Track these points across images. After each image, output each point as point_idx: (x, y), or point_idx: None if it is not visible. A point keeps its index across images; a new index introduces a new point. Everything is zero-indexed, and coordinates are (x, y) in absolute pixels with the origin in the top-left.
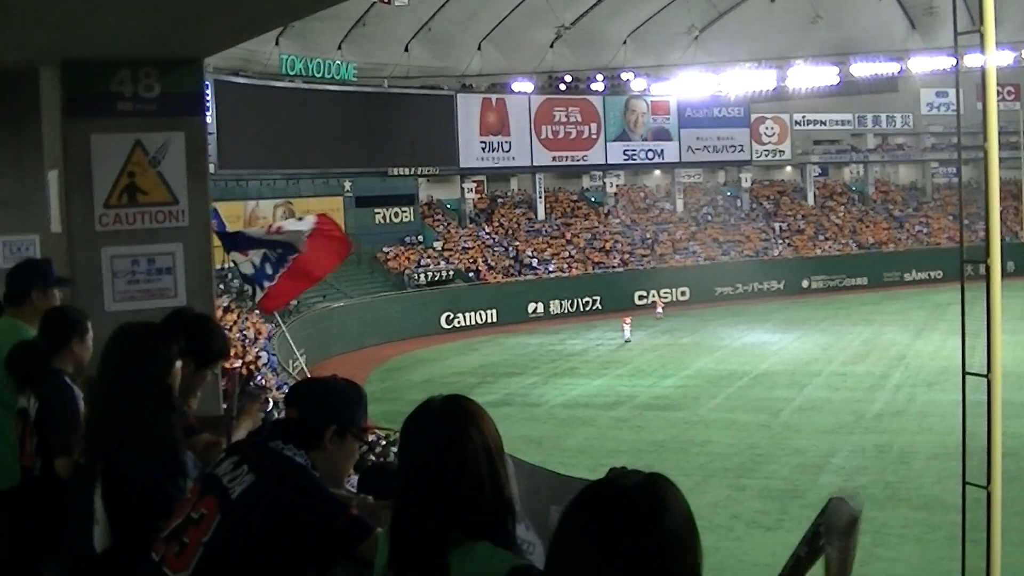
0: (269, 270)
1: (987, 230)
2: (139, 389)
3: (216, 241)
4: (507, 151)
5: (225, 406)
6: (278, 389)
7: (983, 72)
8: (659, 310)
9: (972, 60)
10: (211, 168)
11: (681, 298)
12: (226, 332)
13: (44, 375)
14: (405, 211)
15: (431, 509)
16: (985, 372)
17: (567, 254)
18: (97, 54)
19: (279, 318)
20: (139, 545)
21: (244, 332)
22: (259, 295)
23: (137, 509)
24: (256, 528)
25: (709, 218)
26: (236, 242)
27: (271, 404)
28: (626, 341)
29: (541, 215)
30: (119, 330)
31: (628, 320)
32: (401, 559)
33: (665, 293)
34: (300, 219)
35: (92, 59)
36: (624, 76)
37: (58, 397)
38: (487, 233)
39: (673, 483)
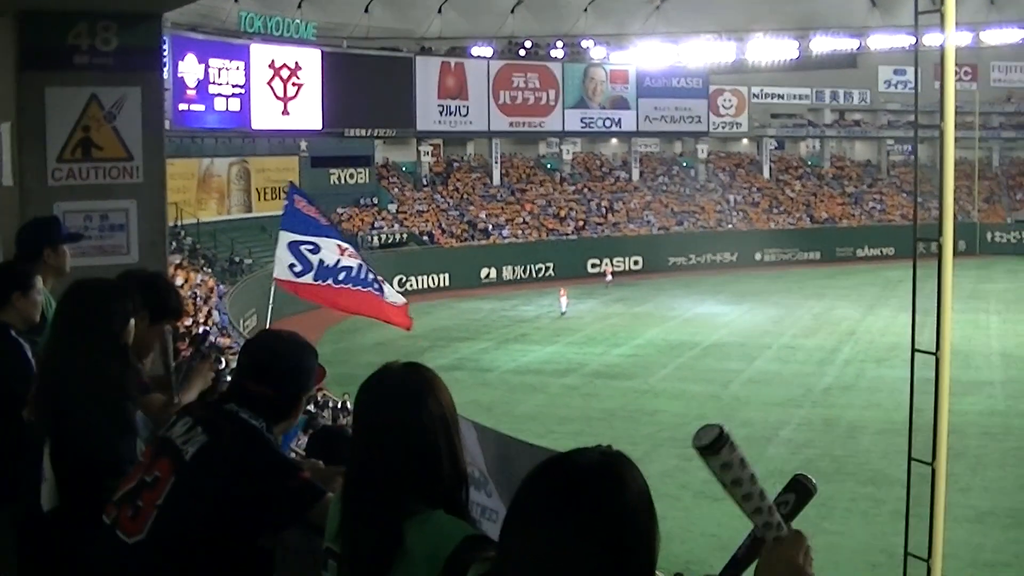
0: (300, 267)
1: (940, 209)
2: (94, 346)
3: (170, 198)
4: (464, 115)
5: (170, 366)
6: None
7: (942, 51)
8: (608, 277)
9: (931, 39)
10: (166, 125)
11: (634, 267)
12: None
13: None
14: (360, 172)
15: (386, 475)
16: (934, 350)
17: (521, 220)
18: (54, 6)
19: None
20: (87, 504)
21: (196, 291)
22: (284, 276)
23: (86, 468)
24: (210, 490)
25: (664, 188)
26: (301, 224)
27: (223, 364)
28: (562, 314)
29: (497, 180)
30: (74, 285)
31: (564, 292)
32: (354, 525)
33: (618, 262)
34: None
35: (49, 11)
36: (584, 44)
37: (3, 351)
38: (442, 197)
39: (631, 460)
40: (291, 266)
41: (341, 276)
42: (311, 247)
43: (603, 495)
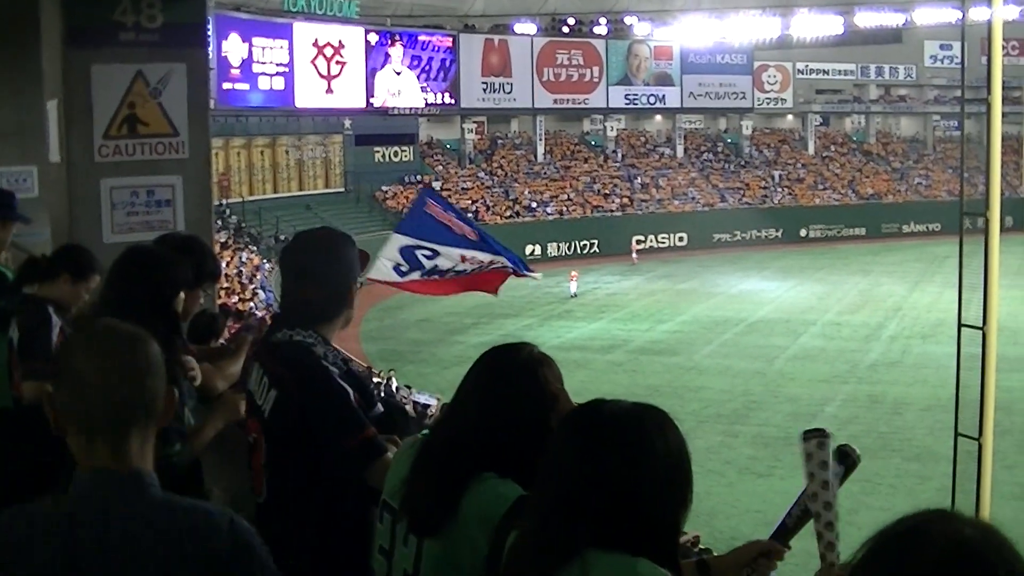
0: (408, 267)
1: (987, 184)
2: (141, 311)
3: (215, 176)
4: (508, 92)
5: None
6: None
7: (989, 25)
8: (633, 256)
9: (978, 13)
10: (211, 104)
11: (679, 244)
12: (218, 257)
13: (26, 302)
14: (405, 150)
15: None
16: (981, 325)
17: (566, 197)
18: None
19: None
20: None
21: (241, 269)
22: (383, 276)
23: None
24: (291, 446)
25: (709, 164)
26: (427, 230)
27: None
28: (572, 296)
29: (541, 157)
30: (126, 252)
31: (575, 274)
32: (418, 482)
33: (663, 238)
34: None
35: None
36: (627, 20)
37: (35, 324)
38: (486, 174)
39: (667, 415)
40: (397, 266)
41: (449, 276)
42: (428, 253)
43: (633, 441)
